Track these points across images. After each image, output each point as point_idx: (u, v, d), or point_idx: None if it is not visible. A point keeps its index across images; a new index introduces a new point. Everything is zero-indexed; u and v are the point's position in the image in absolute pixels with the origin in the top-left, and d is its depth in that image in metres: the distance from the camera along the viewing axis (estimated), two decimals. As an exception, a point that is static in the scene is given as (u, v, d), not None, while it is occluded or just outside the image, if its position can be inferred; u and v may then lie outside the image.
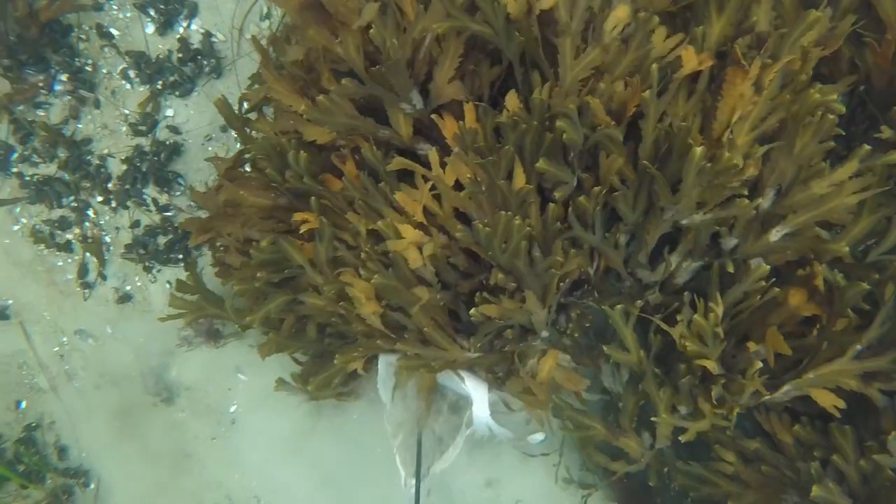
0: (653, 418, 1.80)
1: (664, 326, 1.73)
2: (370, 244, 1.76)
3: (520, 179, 1.60)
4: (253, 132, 2.00)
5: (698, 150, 1.52)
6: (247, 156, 2.02)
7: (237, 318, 2.04)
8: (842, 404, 1.72)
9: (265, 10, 2.29)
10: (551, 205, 1.64)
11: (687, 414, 1.80)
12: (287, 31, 2.19)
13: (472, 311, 1.70)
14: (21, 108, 2.40)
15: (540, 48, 1.64)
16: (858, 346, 1.71)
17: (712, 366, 1.67)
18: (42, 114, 2.40)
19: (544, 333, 1.82)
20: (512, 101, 1.64)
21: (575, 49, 1.64)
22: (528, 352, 1.85)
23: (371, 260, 1.75)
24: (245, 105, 2.06)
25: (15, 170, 2.43)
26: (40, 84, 2.38)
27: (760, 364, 1.71)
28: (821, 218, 1.72)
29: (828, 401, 1.75)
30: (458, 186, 1.70)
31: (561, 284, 1.70)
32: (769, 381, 1.74)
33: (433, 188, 1.70)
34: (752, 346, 1.70)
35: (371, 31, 1.64)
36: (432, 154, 1.69)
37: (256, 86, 2.07)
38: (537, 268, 1.63)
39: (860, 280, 1.65)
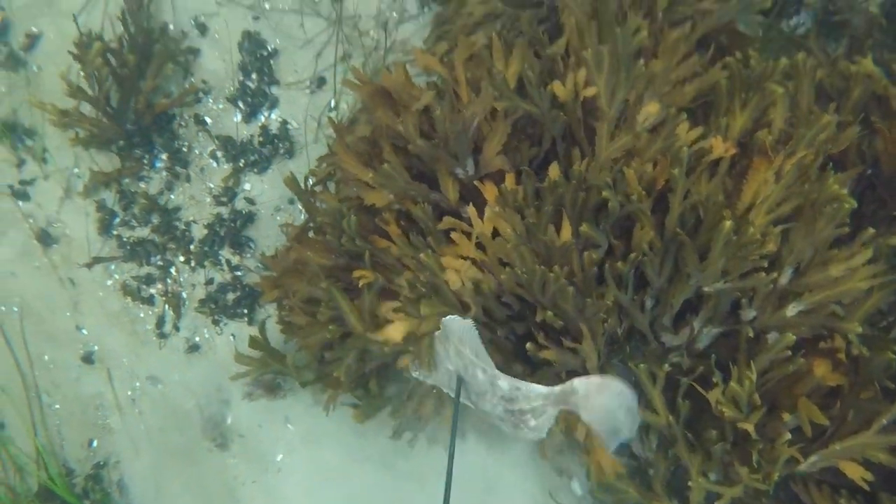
0: (689, 483, 1.60)
1: (700, 390, 1.57)
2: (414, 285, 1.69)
3: (566, 233, 1.53)
4: (317, 203, 1.98)
5: (728, 223, 1.45)
6: (311, 224, 1.99)
7: (296, 374, 1.97)
8: (870, 477, 1.52)
9: (333, 104, 2.33)
10: (587, 253, 1.55)
11: (717, 480, 1.60)
12: (351, 120, 2.23)
13: (529, 345, 1.58)
14: (127, 180, 2.44)
15: (581, 128, 1.61)
16: (884, 420, 1.52)
17: (752, 429, 1.49)
18: (143, 186, 2.44)
19: None
20: (554, 170, 1.60)
21: (610, 133, 1.62)
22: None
23: (415, 289, 1.67)
24: (312, 180, 2.05)
25: (115, 232, 2.44)
26: (145, 161, 2.43)
27: (789, 435, 1.53)
28: (834, 299, 1.62)
29: (856, 473, 1.54)
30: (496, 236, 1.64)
31: (606, 324, 1.59)
32: (801, 450, 1.55)
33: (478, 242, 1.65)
34: (786, 416, 1.52)
35: (436, 112, 1.65)
36: (471, 209, 1.64)
37: (323, 165, 2.07)
38: (586, 312, 1.53)
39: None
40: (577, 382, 1.57)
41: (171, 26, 2.38)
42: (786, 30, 2.05)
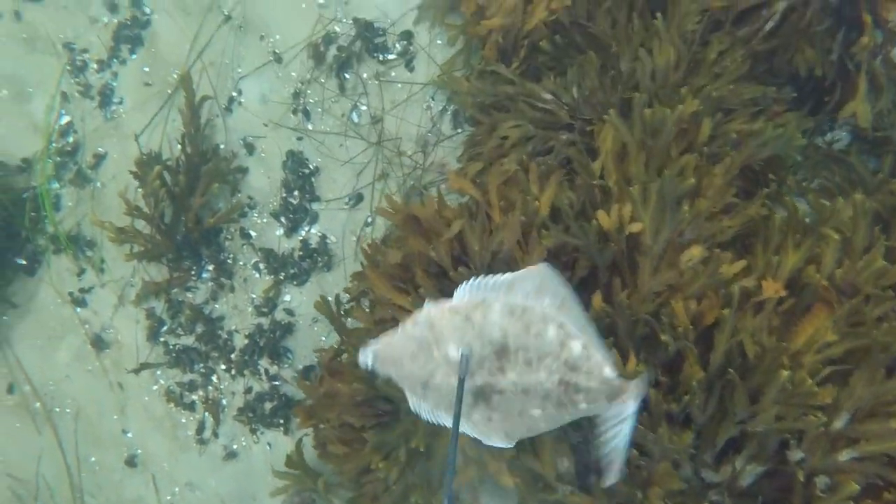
0: None
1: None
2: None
3: (631, 364, 1.36)
4: (349, 321, 1.84)
5: (785, 372, 1.24)
6: (343, 347, 1.84)
7: (327, 499, 1.84)
8: None
9: (369, 220, 2.23)
10: (652, 391, 1.39)
11: None
12: (384, 239, 2.11)
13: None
14: (175, 290, 2.35)
15: (625, 259, 1.45)
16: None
17: None
18: (190, 296, 2.35)
19: None
20: (597, 300, 1.45)
21: (653, 267, 1.45)
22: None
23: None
24: (346, 296, 1.91)
25: (162, 339, 2.34)
26: (192, 272, 2.35)
27: None
28: (891, 451, 1.37)
29: None
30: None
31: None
32: None
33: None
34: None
35: (475, 248, 1.53)
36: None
37: (356, 282, 1.94)
38: (667, 452, 1.33)
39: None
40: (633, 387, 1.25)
41: (223, 146, 2.35)
42: (822, 145, 1.87)
